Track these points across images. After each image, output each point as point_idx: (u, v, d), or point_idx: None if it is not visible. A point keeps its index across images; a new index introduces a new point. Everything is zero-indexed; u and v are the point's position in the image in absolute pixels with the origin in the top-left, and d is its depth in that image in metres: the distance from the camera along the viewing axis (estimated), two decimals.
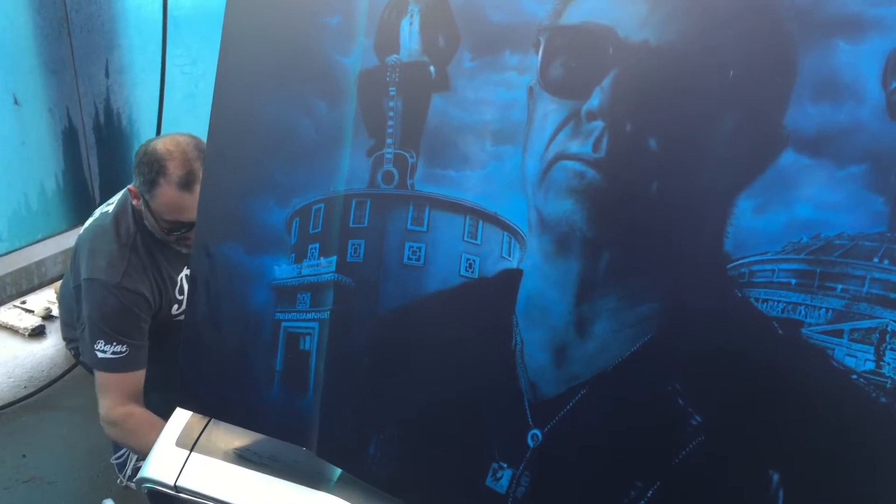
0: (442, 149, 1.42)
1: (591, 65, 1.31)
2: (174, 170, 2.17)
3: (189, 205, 2.17)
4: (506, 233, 1.36)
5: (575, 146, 1.31)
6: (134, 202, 2.33)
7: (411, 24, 1.45)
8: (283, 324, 1.56)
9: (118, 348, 2.27)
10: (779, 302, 1.19)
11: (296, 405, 1.54)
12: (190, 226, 2.22)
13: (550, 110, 1.34)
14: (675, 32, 1.26)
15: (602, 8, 1.31)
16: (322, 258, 1.52)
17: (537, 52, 1.35)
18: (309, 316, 1.53)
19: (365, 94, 1.49)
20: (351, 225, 1.49)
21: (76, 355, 2.68)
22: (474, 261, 1.38)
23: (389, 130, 1.46)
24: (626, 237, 1.29)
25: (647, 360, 1.26)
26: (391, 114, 1.46)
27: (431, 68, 1.43)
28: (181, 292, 2.47)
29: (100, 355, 2.27)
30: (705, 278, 1.23)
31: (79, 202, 4.25)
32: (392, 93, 1.46)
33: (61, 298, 2.67)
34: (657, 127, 1.27)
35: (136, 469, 2.39)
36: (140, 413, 2.25)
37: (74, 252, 2.47)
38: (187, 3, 4.67)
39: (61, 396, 3.33)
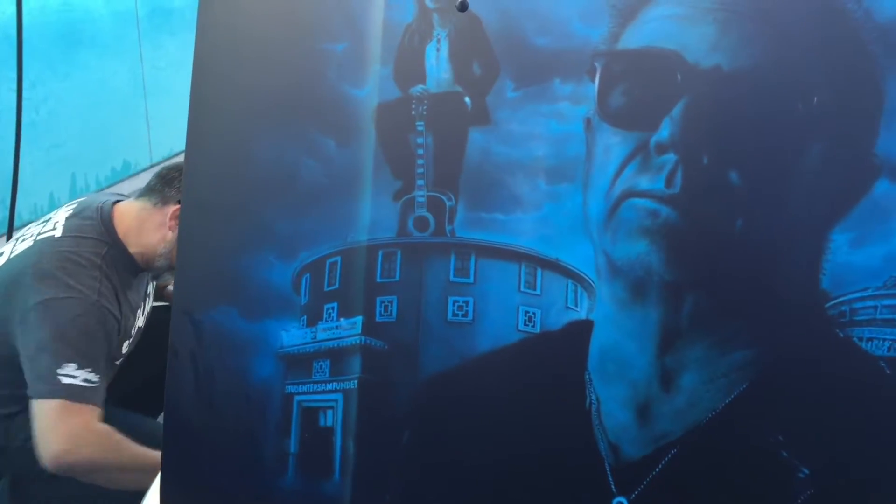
0: (486, 189, 1.30)
1: (657, 93, 1.24)
2: None
3: None
4: (570, 280, 1.26)
5: (645, 182, 1.24)
6: (171, 223, 2.08)
7: (438, 50, 1.32)
8: (297, 398, 1.39)
9: (91, 376, 1.98)
10: (884, 340, 1.16)
11: (318, 492, 1.37)
12: None
13: (613, 143, 1.26)
14: (750, 57, 1.21)
15: (665, 31, 1.24)
16: (342, 319, 1.36)
17: (593, 80, 1.27)
18: (330, 387, 1.37)
19: (385, 130, 1.35)
20: (378, 279, 1.34)
21: None
22: (534, 313, 1.28)
23: (419, 170, 1.33)
24: (710, 279, 1.22)
25: (745, 411, 1.20)
26: (420, 151, 1.33)
27: (466, 99, 1.32)
28: (135, 329, 2.23)
29: (65, 380, 1.95)
30: (803, 319, 1.18)
31: None
32: (420, 128, 1.33)
33: None
34: (737, 159, 1.21)
35: None
36: (119, 435, 1.96)
37: None
38: (24, 21, 4.27)
39: None
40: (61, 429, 1.96)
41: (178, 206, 2.08)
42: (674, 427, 1.23)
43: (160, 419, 2.47)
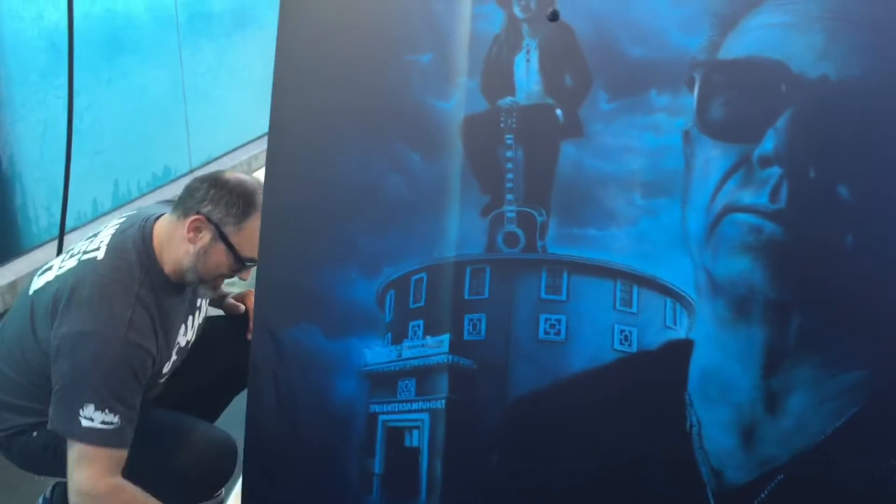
0: (578, 204, 1.27)
1: (760, 104, 1.20)
2: None
3: None
4: (668, 298, 1.23)
5: (748, 196, 1.20)
6: (189, 235, 2.06)
7: (528, 61, 1.29)
8: (382, 417, 1.36)
9: (109, 417, 1.97)
10: None
11: None
12: (255, 262, 2.03)
13: (713, 156, 1.22)
14: (859, 67, 1.17)
15: (770, 40, 1.20)
16: (428, 337, 1.33)
17: (692, 91, 1.23)
18: (416, 406, 1.34)
19: (473, 144, 1.32)
20: (466, 297, 1.31)
21: (6, 450, 2.30)
22: (631, 332, 1.24)
23: (509, 185, 1.29)
24: (819, 298, 1.18)
25: (858, 435, 1.15)
26: (509, 165, 1.30)
27: (558, 112, 1.28)
28: (178, 352, 2.21)
29: (84, 423, 1.95)
30: None
31: None
32: (509, 141, 1.30)
33: None
34: (846, 172, 1.17)
35: None
36: (131, 490, 1.95)
37: (38, 308, 2.12)
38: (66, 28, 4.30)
39: None
40: (76, 476, 1.97)
41: (196, 217, 2.04)
42: (780, 452, 1.19)
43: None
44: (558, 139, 1.29)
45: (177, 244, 2.11)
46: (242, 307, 2.48)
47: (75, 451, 1.99)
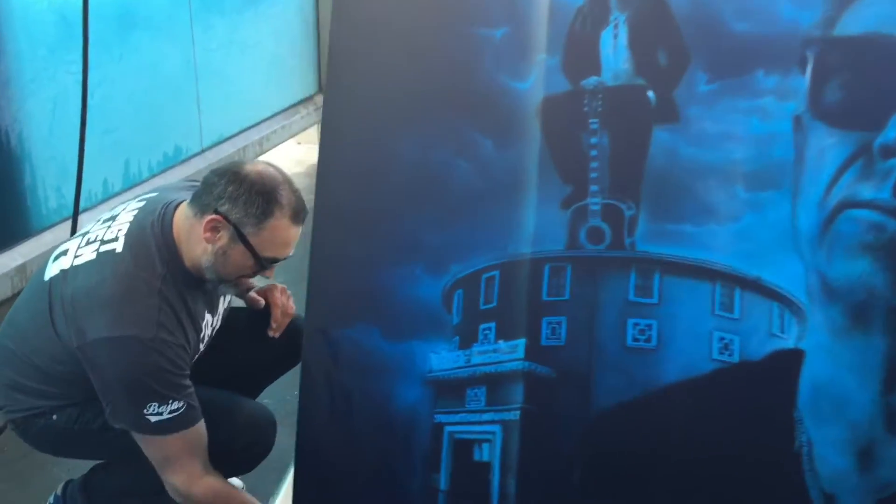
0: (672, 197, 1.15)
1: (883, 87, 1.08)
2: (288, 201, 1.87)
3: (294, 240, 1.91)
4: (775, 303, 1.11)
5: (867, 190, 1.08)
6: (207, 235, 1.95)
7: (616, 36, 1.16)
8: (448, 428, 1.24)
9: (175, 405, 1.94)
10: None
11: None
12: (278, 261, 1.93)
13: (828, 145, 1.10)
14: None
15: (892, 15, 1.07)
16: (501, 341, 1.22)
17: (803, 72, 1.10)
18: (486, 417, 1.23)
19: (553, 129, 1.20)
20: (544, 298, 1.19)
21: (22, 430, 2.21)
22: (732, 340, 1.12)
23: (593, 175, 1.17)
24: None
25: None
26: (594, 153, 1.17)
27: (650, 93, 1.16)
28: (203, 341, 2.12)
29: (155, 420, 1.91)
30: None
31: None
32: (594, 126, 1.17)
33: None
34: None
35: None
36: (221, 488, 1.89)
37: (55, 301, 2.02)
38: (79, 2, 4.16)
39: None
40: (171, 478, 1.93)
41: (213, 217, 1.93)
42: None
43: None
44: (650, 124, 1.17)
45: (195, 242, 2.01)
46: (262, 302, 2.36)
47: (158, 451, 1.92)
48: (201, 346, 2.11)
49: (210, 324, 2.17)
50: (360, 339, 1.28)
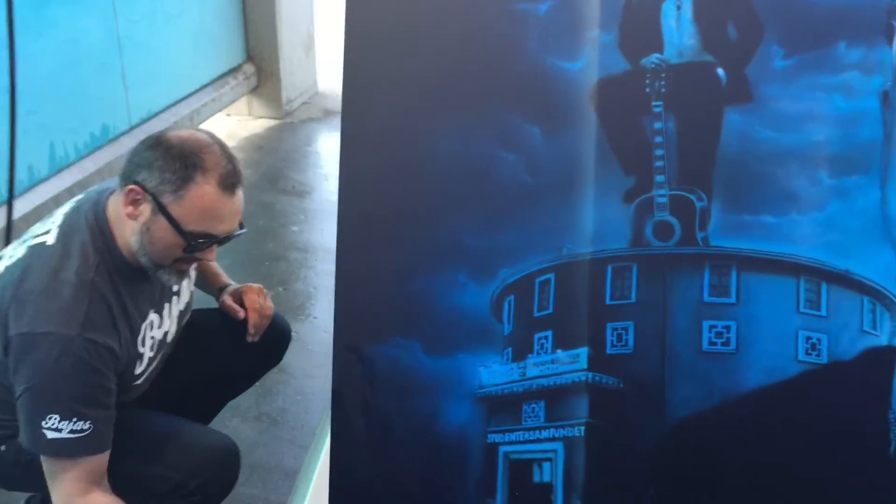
0: (748, 185, 1.05)
1: None
2: (215, 165, 1.67)
3: (228, 212, 1.71)
4: (866, 297, 1.04)
5: None
6: (128, 210, 1.73)
7: (679, 8, 1.05)
8: (503, 448, 1.13)
9: (79, 425, 1.72)
10: None
11: None
12: (215, 240, 1.73)
13: None
14: None
15: None
16: (559, 351, 1.11)
17: (890, 43, 1.01)
18: (546, 434, 1.12)
19: (610, 114, 1.08)
20: (608, 301, 1.08)
21: None
22: (819, 339, 1.04)
23: (658, 164, 1.06)
24: None
25: None
26: (658, 139, 1.06)
27: (719, 71, 1.05)
28: (143, 344, 1.91)
29: (50, 435, 1.70)
30: None
31: None
32: (657, 109, 1.06)
33: None
34: None
35: None
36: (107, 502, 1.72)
37: None
38: None
39: None
40: (53, 496, 1.72)
41: (131, 187, 1.72)
42: None
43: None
44: (720, 105, 1.06)
45: (123, 222, 1.79)
46: (242, 313, 2.16)
47: (47, 466, 1.73)
48: (146, 350, 1.92)
49: (157, 325, 1.97)
50: (398, 356, 1.15)
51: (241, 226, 1.80)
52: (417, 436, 1.16)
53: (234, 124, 5.34)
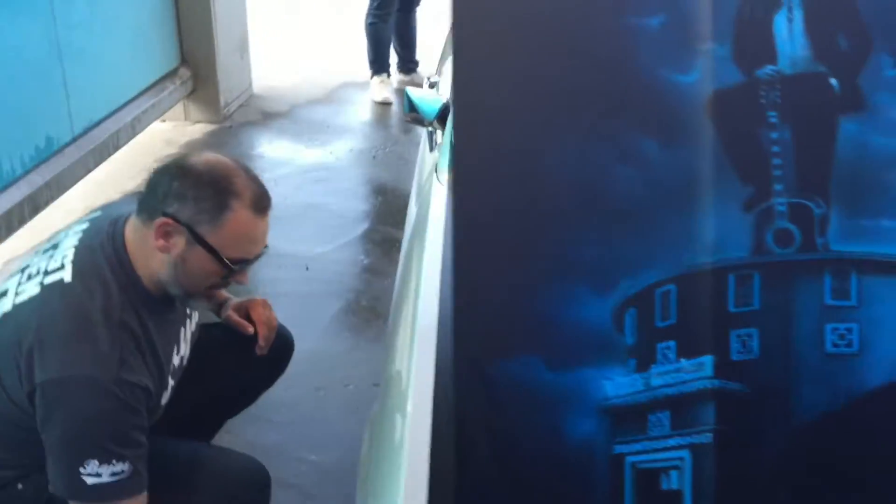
0: (866, 191, 1.09)
1: None
2: (246, 189, 1.63)
3: (261, 233, 1.72)
4: None
5: None
6: (159, 243, 1.67)
7: (791, 20, 1.08)
8: (629, 458, 1.14)
9: (118, 468, 1.67)
10: None
11: None
12: (251, 263, 1.75)
13: None
14: None
15: None
16: (683, 360, 1.12)
17: None
18: (673, 443, 1.13)
19: (727, 125, 1.10)
20: (731, 309, 1.11)
21: None
22: None
23: (776, 172, 1.09)
24: None
25: None
26: (775, 149, 1.09)
27: (833, 81, 1.08)
28: (173, 374, 1.86)
29: (91, 481, 1.65)
30: None
31: None
32: (773, 119, 1.09)
33: None
34: None
35: None
36: None
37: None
38: None
39: None
40: None
41: (162, 221, 1.67)
42: None
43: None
44: (835, 114, 1.09)
45: (150, 255, 1.73)
46: (251, 328, 2.11)
47: None
48: (170, 380, 1.87)
49: (180, 350, 1.93)
50: (520, 373, 1.15)
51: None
52: (543, 452, 1.16)
53: (171, 130, 5.18)
